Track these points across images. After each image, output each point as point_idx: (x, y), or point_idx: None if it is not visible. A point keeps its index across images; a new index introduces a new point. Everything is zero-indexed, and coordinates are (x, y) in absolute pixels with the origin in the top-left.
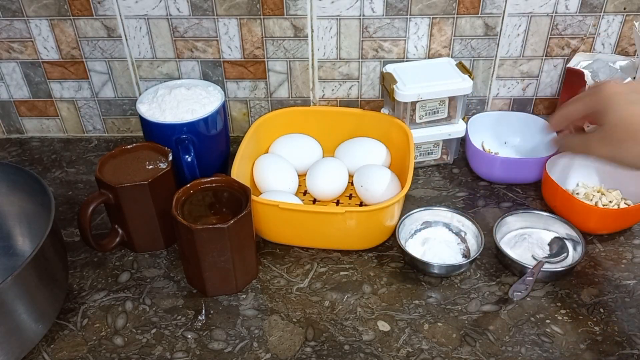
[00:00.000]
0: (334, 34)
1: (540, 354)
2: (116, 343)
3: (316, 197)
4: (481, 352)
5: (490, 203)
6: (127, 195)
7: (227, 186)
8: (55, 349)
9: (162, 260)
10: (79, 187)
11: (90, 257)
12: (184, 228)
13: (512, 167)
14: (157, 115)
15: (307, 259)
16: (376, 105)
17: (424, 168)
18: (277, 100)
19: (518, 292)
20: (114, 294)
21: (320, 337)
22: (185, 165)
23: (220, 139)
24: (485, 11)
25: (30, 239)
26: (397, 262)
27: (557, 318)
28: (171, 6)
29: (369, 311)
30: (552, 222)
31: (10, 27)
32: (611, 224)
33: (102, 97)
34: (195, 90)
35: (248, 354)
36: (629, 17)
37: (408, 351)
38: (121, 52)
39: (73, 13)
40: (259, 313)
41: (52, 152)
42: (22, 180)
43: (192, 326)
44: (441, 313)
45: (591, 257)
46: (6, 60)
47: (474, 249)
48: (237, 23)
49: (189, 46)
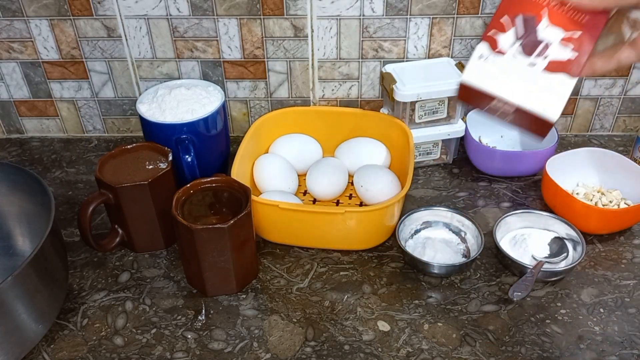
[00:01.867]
0: (334, 34)
1: (540, 353)
2: (116, 343)
3: (316, 197)
4: (481, 352)
5: (490, 203)
6: (127, 195)
7: (227, 186)
8: (55, 349)
9: (162, 260)
10: (79, 187)
11: (90, 257)
12: (184, 228)
13: (512, 159)
14: (157, 115)
15: (307, 259)
16: (376, 105)
17: (424, 168)
18: (277, 100)
19: (518, 292)
20: (114, 294)
21: (320, 337)
22: (185, 165)
23: (220, 139)
24: (486, 11)
25: (30, 239)
26: (397, 262)
27: (557, 318)
28: (171, 6)
29: (369, 311)
30: (552, 222)
31: (10, 27)
32: (611, 224)
33: (102, 97)
34: (195, 90)
35: (248, 354)
36: None
37: (408, 351)
38: (121, 52)
39: (73, 13)
40: (259, 313)
41: (52, 152)
42: (22, 180)
43: (192, 326)
44: (441, 313)
45: (591, 257)
46: (6, 60)
47: (474, 249)
48: (237, 23)
49: (189, 46)
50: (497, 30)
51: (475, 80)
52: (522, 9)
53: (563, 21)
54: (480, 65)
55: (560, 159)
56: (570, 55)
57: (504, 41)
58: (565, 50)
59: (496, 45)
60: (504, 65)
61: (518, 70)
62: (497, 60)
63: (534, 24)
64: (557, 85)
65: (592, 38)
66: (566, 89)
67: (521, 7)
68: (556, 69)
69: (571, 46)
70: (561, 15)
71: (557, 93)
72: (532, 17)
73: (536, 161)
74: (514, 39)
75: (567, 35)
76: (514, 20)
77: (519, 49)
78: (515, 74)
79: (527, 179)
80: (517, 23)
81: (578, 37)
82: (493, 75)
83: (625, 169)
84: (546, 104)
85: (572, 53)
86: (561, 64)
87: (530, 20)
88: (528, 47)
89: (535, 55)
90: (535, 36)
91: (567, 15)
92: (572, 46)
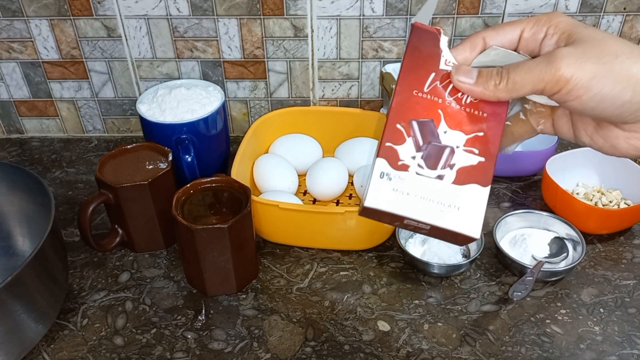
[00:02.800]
0: (334, 34)
1: (540, 354)
2: (116, 343)
3: (316, 197)
4: (481, 352)
5: (490, 203)
6: (127, 195)
7: (227, 186)
8: (55, 349)
9: (162, 260)
10: (79, 187)
11: (90, 257)
12: (184, 228)
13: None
14: (157, 115)
15: (307, 259)
16: (376, 105)
17: None
18: (277, 100)
19: (518, 292)
20: (114, 294)
21: (320, 337)
22: (185, 165)
23: (220, 139)
24: (485, 11)
25: (30, 239)
26: (397, 262)
27: (557, 318)
28: (171, 6)
29: (369, 311)
30: (552, 222)
31: (10, 27)
32: (611, 224)
33: (102, 97)
34: (195, 90)
35: (248, 354)
36: (628, 17)
37: (408, 351)
38: (121, 52)
39: (73, 13)
40: (259, 313)
41: (52, 152)
42: (22, 180)
43: (192, 326)
44: (441, 313)
45: (591, 257)
46: (6, 60)
47: (474, 249)
48: (237, 23)
49: (188, 46)
50: (392, 144)
51: (381, 205)
52: (415, 113)
53: (462, 121)
54: (383, 186)
55: (560, 159)
56: (477, 160)
57: (404, 154)
58: (471, 156)
59: (396, 160)
60: (409, 182)
61: (425, 187)
62: (400, 177)
63: (432, 129)
64: (471, 199)
65: (496, 136)
66: (481, 200)
67: (413, 110)
68: (466, 180)
69: (476, 150)
70: (459, 114)
71: (472, 207)
72: (428, 121)
73: (536, 161)
74: (414, 150)
75: (470, 137)
76: (409, 127)
77: (421, 162)
78: (423, 191)
79: (527, 179)
80: (413, 131)
81: (482, 137)
82: (399, 196)
83: (625, 169)
84: (463, 221)
85: (479, 158)
86: (470, 172)
87: (427, 125)
88: (431, 159)
89: (441, 167)
90: (437, 144)
91: (465, 113)
92: (477, 150)
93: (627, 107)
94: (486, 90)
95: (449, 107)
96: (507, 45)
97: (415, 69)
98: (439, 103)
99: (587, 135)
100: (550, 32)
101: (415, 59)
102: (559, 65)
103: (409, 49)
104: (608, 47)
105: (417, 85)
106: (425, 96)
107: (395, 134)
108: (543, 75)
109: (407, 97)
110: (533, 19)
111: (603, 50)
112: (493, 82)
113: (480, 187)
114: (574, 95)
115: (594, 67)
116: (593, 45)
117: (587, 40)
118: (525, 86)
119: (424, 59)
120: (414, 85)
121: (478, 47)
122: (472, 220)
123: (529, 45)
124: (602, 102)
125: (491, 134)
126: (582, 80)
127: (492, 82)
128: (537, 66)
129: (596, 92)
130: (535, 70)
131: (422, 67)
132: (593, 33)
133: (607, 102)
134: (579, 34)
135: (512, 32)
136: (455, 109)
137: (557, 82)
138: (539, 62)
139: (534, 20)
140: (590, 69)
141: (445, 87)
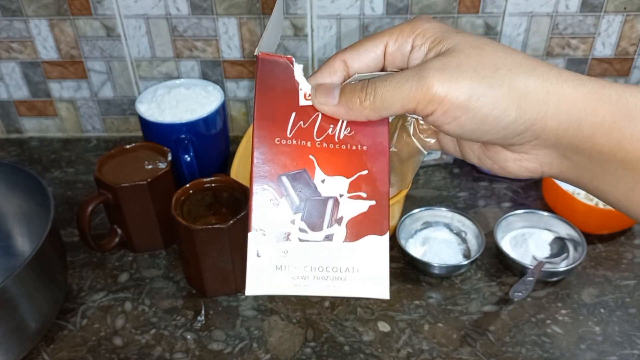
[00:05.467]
0: (333, 33)
1: (540, 354)
2: (115, 343)
3: None
4: (482, 353)
5: (491, 203)
6: (126, 196)
7: (227, 186)
8: (54, 349)
9: (162, 260)
10: (78, 187)
11: (90, 258)
12: (183, 228)
13: None
14: (157, 115)
15: None
16: None
17: (424, 168)
18: None
19: (519, 292)
20: (113, 294)
21: (320, 337)
22: (185, 165)
23: (220, 138)
24: (486, 10)
25: (29, 239)
26: (397, 262)
27: (557, 318)
28: (170, 5)
29: (369, 311)
30: (552, 222)
31: (10, 27)
32: (612, 224)
33: (101, 97)
34: (194, 90)
35: (248, 355)
36: (629, 17)
37: (408, 352)
38: (120, 52)
39: (72, 13)
40: (259, 313)
41: (51, 152)
42: (21, 181)
43: (191, 327)
44: (441, 313)
45: (592, 257)
46: (6, 60)
47: (475, 249)
48: (237, 22)
49: (188, 46)
50: (263, 211)
51: (265, 290)
52: (282, 166)
53: (340, 162)
54: (264, 267)
55: None
56: (368, 205)
57: (280, 221)
58: (359, 203)
59: (272, 231)
60: (294, 254)
61: (314, 255)
62: (282, 250)
63: (307, 181)
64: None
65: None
66: (381, 253)
67: (280, 163)
68: (359, 234)
69: (364, 194)
70: (334, 155)
71: (373, 265)
72: (300, 172)
73: None
74: (291, 212)
75: (354, 180)
76: (279, 185)
77: (303, 225)
78: (312, 260)
79: (527, 179)
80: (285, 189)
81: (367, 176)
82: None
83: None
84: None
85: (369, 202)
86: (362, 223)
87: (300, 177)
88: (313, 218)
89: (327, 226)
90: (316, 198)
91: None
92: (364, 193)
93: (512, 129)
94: (351, 110)
95: (321, 149)
96: (372, 65)
97: (272, 112)
98: (308, 147)
99: (474, 155)
100: (417, 42)
101: (269, 99)
102: (431, 83)
103: (259, 87)
104: (487, 57)
105: (278, 132)
106: (290, 142)
107: (264, 198)
108: (413, 94)
109: (269, 149)
110: (396, 29)
111: (481, 61)
112: (357, 100)
113: (377, 237)
114: (450, 117)
115: (471, 84)
116: (469, 55)
117: (462, 49)
118: (394, 104)
119: (279, 97)
120: (274, 132)
121: (339, 72)
122: (376, 280)
123: (396, 61)
124: (483, 124)
125: (377, 170)
126: (459, 100)
127: (356, 100)
128: (406, 82)
129: (474, 113)
130: (404, 87)
131: (279, 109)
132: (468, 40)
133: (489, 124)
134: (451, 41)
135: (374, 49)
136: (328, 149)
137: (429, 101)
138: (409, 77)
139: (397, 31)
140: (468, 86)
141: (312, 126)
